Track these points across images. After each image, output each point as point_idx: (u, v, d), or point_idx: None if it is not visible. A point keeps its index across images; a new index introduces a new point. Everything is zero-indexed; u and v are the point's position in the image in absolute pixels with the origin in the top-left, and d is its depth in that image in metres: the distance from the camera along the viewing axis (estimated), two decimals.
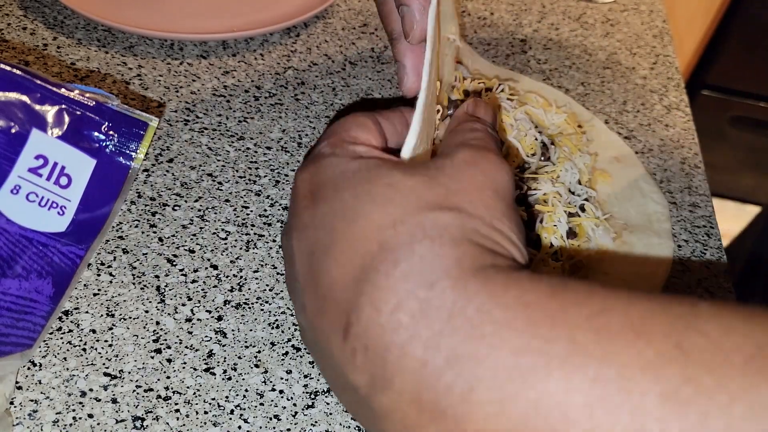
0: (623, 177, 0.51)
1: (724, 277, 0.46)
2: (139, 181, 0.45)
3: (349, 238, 0.25)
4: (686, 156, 0.56)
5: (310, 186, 0.28)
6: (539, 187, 0.43)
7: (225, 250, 0.42)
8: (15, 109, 0.33)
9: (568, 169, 0.45)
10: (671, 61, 0.67)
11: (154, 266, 0.41)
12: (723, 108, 1.62)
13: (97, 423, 0.33)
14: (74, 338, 0.36)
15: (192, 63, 0.56)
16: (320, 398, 0.36)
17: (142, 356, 0.36)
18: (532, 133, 0.45)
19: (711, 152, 1.64)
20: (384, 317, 0.23)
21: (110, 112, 0.35)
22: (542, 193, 0.43)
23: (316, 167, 0.28)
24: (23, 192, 0.33)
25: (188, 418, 0.34)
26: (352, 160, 0.28)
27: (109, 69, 0.54)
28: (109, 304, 0.38)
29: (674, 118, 0.59)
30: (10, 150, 0.33)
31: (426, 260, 0.23)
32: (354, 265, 0.24)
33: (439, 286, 0.22)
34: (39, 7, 0.59)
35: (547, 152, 0.46)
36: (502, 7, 0.70)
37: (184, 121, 0.51)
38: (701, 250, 0.48)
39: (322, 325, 0.25)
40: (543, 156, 0.46)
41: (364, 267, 0.24)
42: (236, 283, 0.40)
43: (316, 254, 0.26)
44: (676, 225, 0.49)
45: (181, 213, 0.44)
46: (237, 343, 0.37)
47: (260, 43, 0.60)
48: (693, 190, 0.52)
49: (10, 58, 0.53)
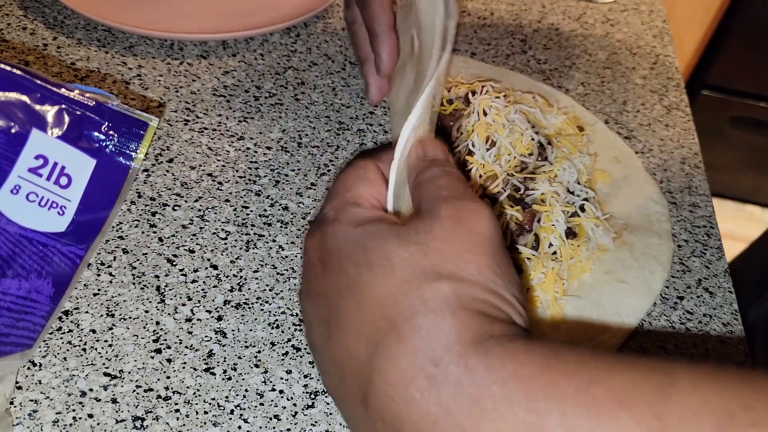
0: (623, 177, 0.51)
1: (723, 277, 0.46)
2: (139, 181, 0.45)
3: (357, 313, 0.27)
4: (686, 156, 0.56)
5: (319, 254, 0.30)
6: (537, 187, 0.43)
7: (225, 250, 0.42)
8: (15, 109, 0.33)
9: (566, 169, 0.45)
10: (671, 61, 0.67)
11: (154, 266, 0.41)
12: (723, 108, 1.62)
13: (97, 423, 0.33)
14: (74, 338, 0.36)
15: (192, 63, 0.56)
16: (320, 398, 0.36)
17: (142, 356, 0.36)
18: (528, 133, 0.45)
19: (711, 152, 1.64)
20: (398, 393, 0.25)
21: (110, 112, 0.35)
22: (540, 193, 0.43)
23: (322, 235, 0.30)
24: (23, 192, 0.33)
25: (188, 418, 0.34)
26: (354, 227, 0.29)
27: (109, 69, 0.54)
28: (109, 304, 0.38)
29: (674, 118, 0.59)
30: (10, 150, 0.33)
31: (430, 335, 0.25)
32: (365, 339, 0.26)
33: (443, 362, 0.24)
34: (39, 7, 0.59)
35: (544, 152, 0.46)
36: (502, 7, 0.70)
37: (184, 121, 0.51)
38: (701, 250, 0.48)
39: (343, 392, 0.28)
40: (540, 156, 0.46)
41: (374, 342, 0.26)
42: (236, 283, 0.40)
43: (331, 325, 0.28)
44: (676, 225, 0.49)
45: (181, 213, 0.44)
46: (237, 343, 0.37)
47: (260, 43, 0.60)
48: (693, 190, 0.52)
49: (10, 58, 0.53)
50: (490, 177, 0.43)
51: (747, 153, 1.69)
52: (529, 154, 0.45)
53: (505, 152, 0.44)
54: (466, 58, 0.61)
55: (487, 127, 0.45)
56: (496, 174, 0.43)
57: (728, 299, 0.44)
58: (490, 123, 0.45)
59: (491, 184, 0.43)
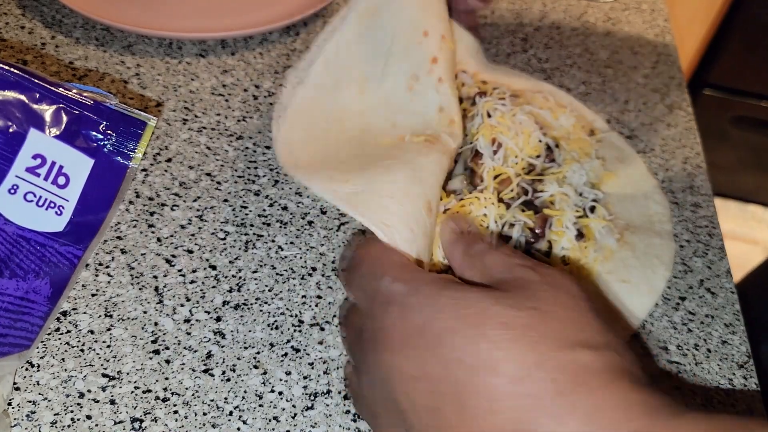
0: (625, 177, 0.50)
1: (726, 278, 0.46)
2: (137, 181, 0.45)
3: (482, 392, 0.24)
4: (688, 156, 0.55)
5: (403, 334, 0.27)
6: (545, 188, 0.42)
7: (224, 250, 0.42)
8: (13, 109, 0.33)
9: (576, 170, 0.44)
10: (673, 60, 0.66)
11: (152, 266, 0.40)
12: (725, 107, 1.61)
13: (95, 424, 0.33)
14: (72, 339, 0.36)
15: (191, 62, 0.56)
16: (320, 399, 0.35)
17: (140, 357, 0.36)
18: (536, 134, 0.44)
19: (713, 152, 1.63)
20: None
21: (108, 112, 0.35)
22: (549, 195, 0.42)
23: (401, 311, 0.27)
24: (21, 192, 0.33)
25: (187, 419, 0.34)
26: (436, 294, 0.27)
27: (107, 68, 0.54)
28: (107, 305, 0.38)
29: (676, 118, 0.59)
30: (7, 149, 0.33)
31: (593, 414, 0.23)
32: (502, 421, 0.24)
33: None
34: (37, 6, 0.59)
35: (552, 154, 0.45)
36: (503, 6, 0.70)
37: (183, 121, 0.50)
38: (703, 250, 0.47)
39: None
40: (547, 158, 0.45)
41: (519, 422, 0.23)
42: (235, 283, 0.40)
43: (444, 411, 0.25)
44: (678, 225, 0.49)
45: (179, 213, 0.44)
46: (236, 344, 0.37)
47: (259, 41, 0.59)
48: (695, 190, 0.52)
49: (8, 57, 0.53)
50: (504, 181, 0.42)
51: (749, 153, 1.69)
52: (536, 156, 0.44)
53: (512, 154, 0.44)
54: (507, 69, 0.59)
55: (492, 130, 0.44)
56: (510, 177, 0.42)
57: (730, 300, 0.44)
58: (495, 125, 0.44)
59: (504, 189, 0.42)
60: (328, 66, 0.43)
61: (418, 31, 0.43)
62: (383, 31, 0.43)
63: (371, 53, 0.44)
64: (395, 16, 0.43)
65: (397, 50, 0.43)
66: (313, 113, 0.42)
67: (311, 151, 0.40)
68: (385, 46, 0.43)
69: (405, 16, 0.43)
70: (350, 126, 0.42)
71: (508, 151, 0.44)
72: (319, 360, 0.37)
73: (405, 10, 0.43)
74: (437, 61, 0.43)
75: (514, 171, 0.43)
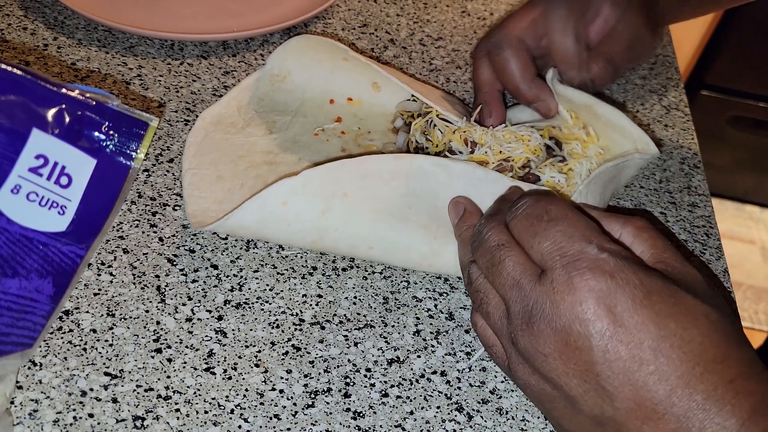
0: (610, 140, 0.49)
1: (723, 277, 0.46)
2: (139, 181, 0.45)
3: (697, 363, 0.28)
4: (685, 156, 0.56)
5: (607, 305, 0.29)
6: (544, 172, 0.43)
7: (225, 249, 0.42)
8: (16, 109, 0.33)
9: (583, 163, 0.45)
10: (670, 61, 0.67)
11: (154, 266, 0.41)
12: (722, 108, 1.62)
13: (97, 422, 0.33)
14: (75, 338, 0.36)
15: (192, 63, 0.56)
16: (320, 398, 0.36)
17: (142, 356, 0.36)
18: (535, 137, 0.45)
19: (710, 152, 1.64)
20: None
21: (110, 112, 0.35)
22: (549, 177, 0.43)
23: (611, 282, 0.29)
24: (24, 192, 0.33)
25: (188, 417, 0.34)
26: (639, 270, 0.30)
27: (109, 69, 0.54)
28: (109, 304, 0.38)
29: (673, 118, 0.59)
30: (10, 150, 0.33)
31: None
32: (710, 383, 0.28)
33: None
34: (39, 8, 0.59)
35: (554, 151, 0.46)
36: (501, 7, 0.70)
37: (185, 121, 0.51)
38: (700, 250, 0.48)
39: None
40: (549, 155, 0.46)
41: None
42: (236, 282, 0.41)
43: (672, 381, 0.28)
44: (675, 225, 0.49)
45: (181, 213, 0.44)
46: (237, 343, 0.38)
47: (260, 43, 0.60)
48: (692, 190, 0.52)
49: (11, 59, 0.53)
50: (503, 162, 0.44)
51: (746, 153, 1.69)
52: (537, 157, 0.45)
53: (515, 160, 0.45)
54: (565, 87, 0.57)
55: (461, 132, 0.45)
56: (488, 161, 0.44)
57: (727, 299, 0.44)
58: (498, 137, 0.45)
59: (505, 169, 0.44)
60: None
61: (326, 100, 0.52)
62: (292, 94, 0.52)
63: (280, 109, 0.51)
64: (305, 82, 0.52)
65: (305, 110, 0.51)
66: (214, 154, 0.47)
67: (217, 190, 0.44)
68: (293, 106, 0.51)
69: (314, 85, 0.52)
70: (257, 160, 0.47)
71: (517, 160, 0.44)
72: (320, 358, 0.38)
73: (314, 79, 0.52)
74: (341, 120, 0.51)
75: (492, 154, 0.44)
